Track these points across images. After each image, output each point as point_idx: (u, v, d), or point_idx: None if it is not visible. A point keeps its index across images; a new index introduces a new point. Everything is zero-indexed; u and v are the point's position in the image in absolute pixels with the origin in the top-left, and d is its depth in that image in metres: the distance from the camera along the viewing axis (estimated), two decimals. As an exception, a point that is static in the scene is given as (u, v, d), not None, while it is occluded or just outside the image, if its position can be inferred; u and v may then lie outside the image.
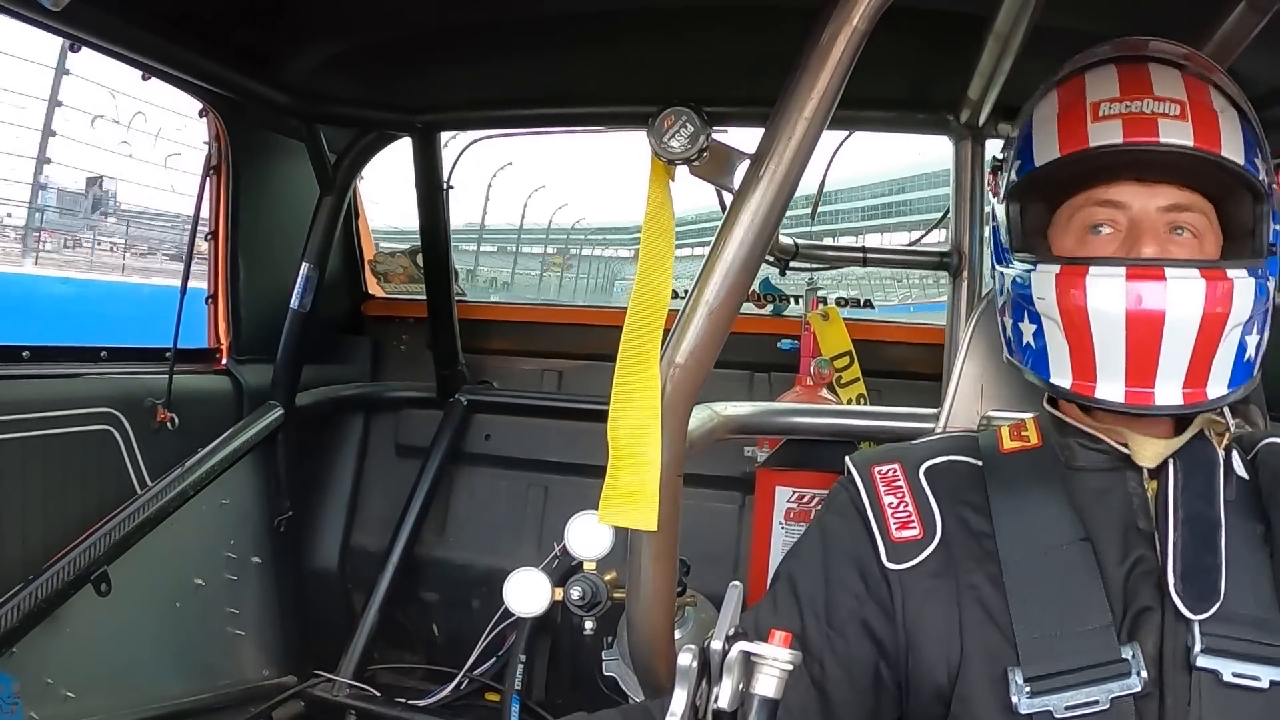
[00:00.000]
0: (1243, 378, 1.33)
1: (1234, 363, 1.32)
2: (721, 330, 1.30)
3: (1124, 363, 1.30)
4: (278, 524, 3.59)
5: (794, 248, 3.00)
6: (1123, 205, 1.36)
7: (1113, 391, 1.32)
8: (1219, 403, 1.32)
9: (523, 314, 4.48)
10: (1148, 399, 1.30)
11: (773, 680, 0.82)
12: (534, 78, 3.09)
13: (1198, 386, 1.30)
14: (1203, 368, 1.29)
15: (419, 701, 3.57)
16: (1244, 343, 1.32)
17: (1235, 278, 1.29)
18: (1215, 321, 1.27)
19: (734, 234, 1.28)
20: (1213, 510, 1.30)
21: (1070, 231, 1.41)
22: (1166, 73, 1.38)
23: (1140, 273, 1.28)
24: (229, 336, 3.48)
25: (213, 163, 3.32)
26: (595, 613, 2.67)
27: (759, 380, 3.74)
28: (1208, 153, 1.31)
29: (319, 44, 2.85)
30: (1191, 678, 1.23)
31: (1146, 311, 1.27)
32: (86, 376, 2.93)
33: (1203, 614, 1.24)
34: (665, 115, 1.31)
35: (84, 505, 2.84)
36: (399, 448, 4.09)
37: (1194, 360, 1.29)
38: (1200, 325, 1.27)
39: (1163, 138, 1.32)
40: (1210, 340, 1.28)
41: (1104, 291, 1.30)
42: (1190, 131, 1.31)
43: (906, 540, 1.39)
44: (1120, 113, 1.35)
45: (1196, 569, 1.26)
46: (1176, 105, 1.33)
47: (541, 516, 3.88)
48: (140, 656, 3.00)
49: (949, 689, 1.31)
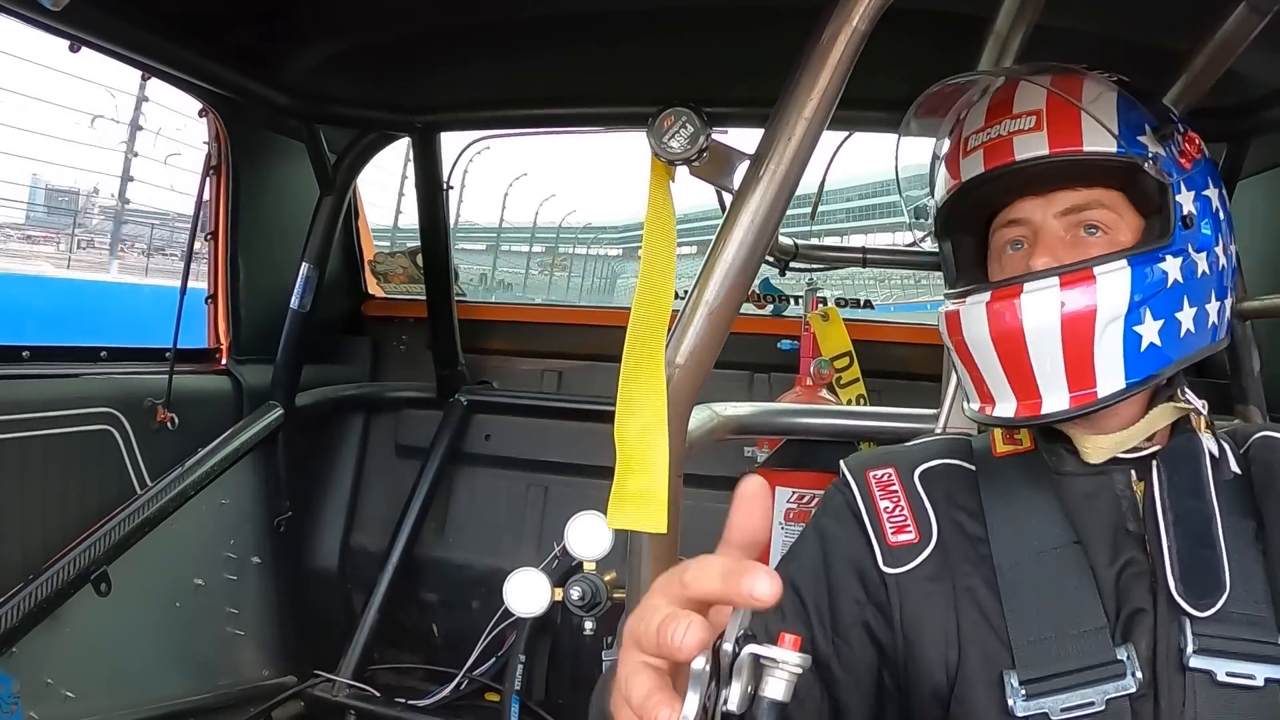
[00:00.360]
0: (1147, 368, 1.32)
1: (1124, 356, 1.31)
2: (721, 331, 1.30)
3: (1005, 381, 1.36)
4: (277, 524, 3.59)
5: (794, 248, 3.00)
6: (1024, 221, 1.40)
7: (1006, 409, 1.37)
8: (1120, 397, 1.32)
9: (522, 314, 4.48)
10: (1035, 409, 1.34)
11: (782, 683, 0.81)
12: (534, 78, 3.09)
13: (1084, 387, 1.32)
14: (1083, 369, 1.31)
15: (419, 702, 3.57)
16: (1133, 333, 1.31)
17: (1101, 274, 1.29)
18: (1079, 323, 1.30)
19: (734, 234, 1.28)
20: (1204, 503, 1.30)
21: (994, 255, 1.45)
22: (1032, 89, 1.40)
23: (1000, 294, 1.34)
24: (229, 336, 3.48)
25: (212, 163, 3.32)
26: (595, 613, 2.68)
27: (759, 381, 3.74)
28: (1068, 154, 1.34)
29: (319, 44, 2.85)
30: (1185, 678, 1.23)
31: (1007, 328, 1.32)
32: (86, 376, 2.93)
33: (1208, 610, 1.23)
34: (665, 116, 1.31)
35: (84, 505, 2.84)
36: (399, 448, 4.09)
37: (1069, 365, 1.31)
38: (1062, 331, 1.30)
39: (1017, 155, 1.36)
40: (1080, 342, 1.30)
41: (972, 319, 1.37)
42: (1045, 139, 1.35)
43: (902, 544, 1.39)
44: (981, 142, 1.40)
45: (1195, 566, 1.26)
46: (1032, 117, 1.36)
47: (541, 517, 3.88)
48: (140, 656, 3.00)
49: (947, 691, 1.31)
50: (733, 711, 0.81)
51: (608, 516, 1.29)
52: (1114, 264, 1.30)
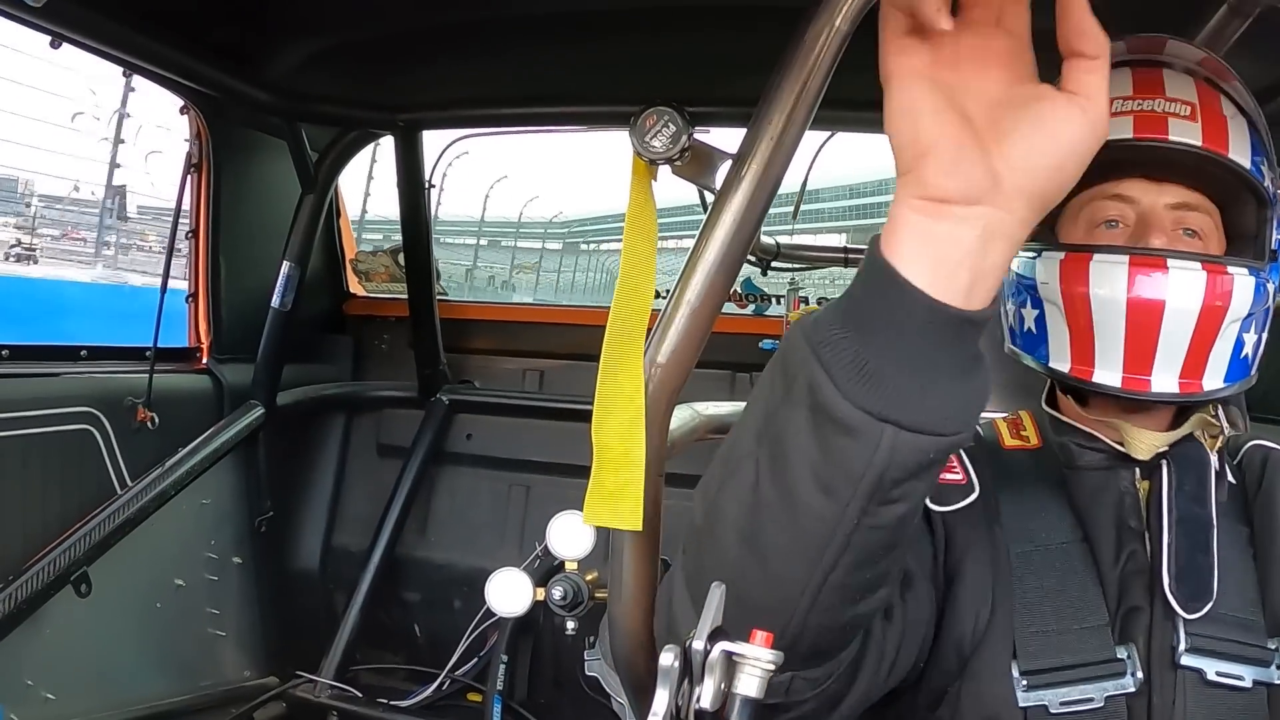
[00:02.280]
0: (1239, 375, 1.34)
1: (1231, 358, 1.32)
2: (703, 330, 1.30)
3: (1122, 349, 1.31)
4: (258, 524, 3.58)
5: (775, 248, 3.00)
6: (1132, 200, 1.37)
7: (1110, 377, 1.32)
8: (1214, 395, 1.33)
9: (504, 313, 4.49)
10: (1144, 385, 1.31)
11: (755, 680, 0.82)
12: (516, 77, 3.08)
13: (1194, 377, 1.31)
14: (1200, 359, 1.30)
15: (401, 702, 3.57)
16: (1241, 339, 1.32)
17: (1235, 274, 1.29)
18: (1214, 314, 1.28)
19: (715, 234, 1.28)
20: (1205, 511, 1.31)
21: (1079, 225, 1.41)
22: (1180, 78, 1.39)
23: (1143, 261, 1.29)
24: (209, 335, 3.46)
25: (194, 160, 3.31)
26: (577, 613, 2.67)
27: (740, 380, 3.74)
28: (1215, 153, 1.32)
29: (301, 42, 2.84)
30: (1177, 676, 1.24)
31: (1147, 299, 1.28)
32: (66, 376, 2.91)
33: (1196, 613, 1.24)
34: (647, 115, 1.31)
35: (64, 505, 2.82)
36: (380, 447, 4.08)
37: (1191, 351, 1.29)
38: (1199, 316, 1.28)
39: (1172, 135, 1.33)
40: (1208, 332, 1.29)
41: (1106, 277, 1.30)
42: (1199, 132, 1.32)
43: (951, 483, 1.39)
44: (1132, 110, 1.36)
45: (1191, 569, 1.27)
46: (1187, 106, 1.34)
47: (523, 516, 3.88)
48: (121, 658, 2.99)
49: (969, 647, 1.30)
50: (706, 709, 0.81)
51: (584, 512, 1.28)
52: (1241, 268, 1.31)
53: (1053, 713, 1.24)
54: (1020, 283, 1.46)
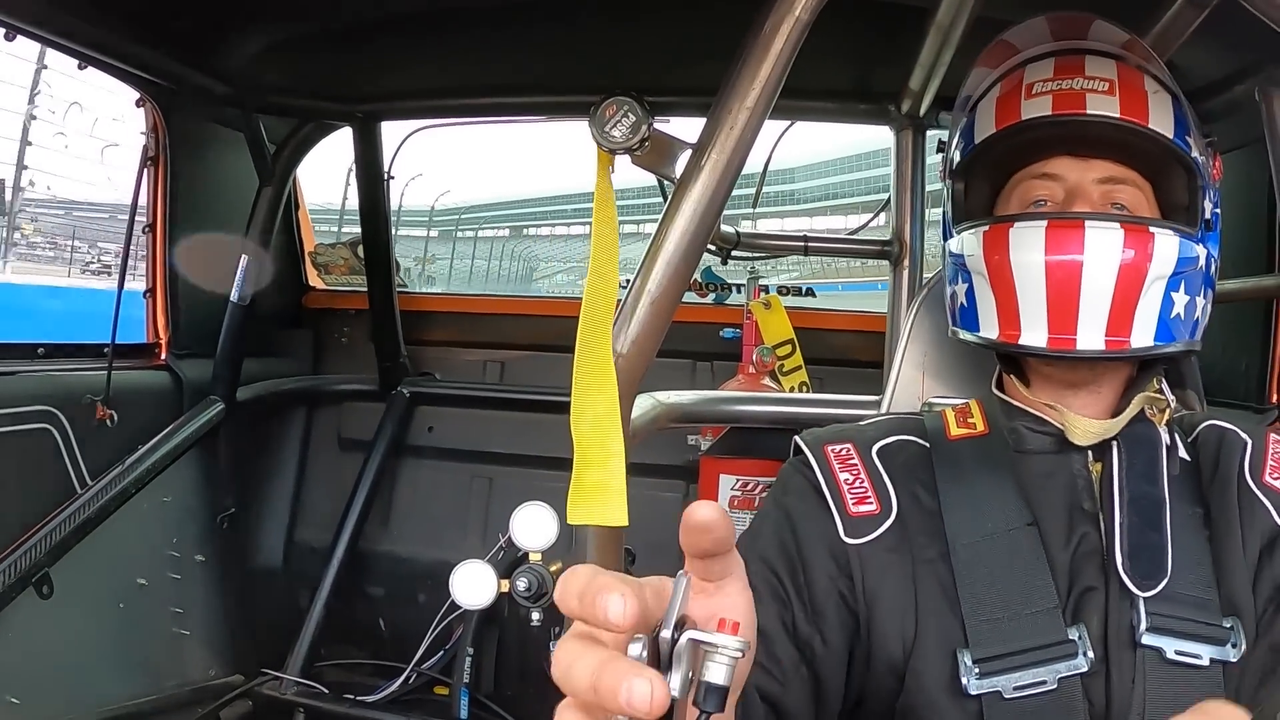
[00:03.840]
0: (1170, 335, 1.35)
1: (1159, 316, 1.34)
2: (664, 319, 1.30)
3: (1045, 310, 1.34)
4: (221, 521, 3.55)
5: (735, 236, 3.01)
6: (1059, 177, 1.41)
7: (1036, 338, 1.36)
8: (1145, 353, 1.35)
9: (464, 304, 4.47)
10: (1069, 344, 1.34)
11: (723, 668, 0.82)
12: (475, 67, 3.08)
13: (1121, 334, 1.33)
14: (1125, 315, 1.33)
15: (367, 697, 3.56)
16: (1170, 298, 1.34)
17: (1157, 233, 1.32)
18: (1134, 271, 1.31)
19: (676, 223, 1.28)
20: (1157, 489, 1.33)
21: (1011, 206, 1.46)
22: (1102, 61, 1.44)
23: (1060, 224, 1.34)
24: (168, 331, 3.42)
25: (150, 154, 3.26)
26: (542, 604, 2.67)
27: (701, 369, 3.76)
28: (1134, 123, 1.37)
29: (258, 33, 2.82)
30: (1136, 655, 1.24)
31: (1064, 260, 1.32)
32: (22, 374, 2.87)
33: (1149, 591, 1.25)
34: (607, 105, 1.31)
35: (23, 506, 2.78)
36: (342, 441, 4.07)
37: (1114, 307, 1.32)
38: (1119, 273, 1.31)
39: (1090, 109, 1.38)
40: (1130, 288, 1.32)
41: (1025, 242, 1.35)
42: (1117, 104, 1.38)
43: (863, 515, 1.39)
44: (1051, 90, 1.41)
45: (1143, 547, 1.28)
46: (1105, 83, 1.39)
47: (486, 508, 3.88)
48: (85, 659, 2.95)
49: (903, 664, 1.32)
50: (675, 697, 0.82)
51: (568, 513, 1.28)
52: (1165, 230, 1.34)
53: (1006, 698, 1.24)
54: (953, 261, 1.50)
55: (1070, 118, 1.39)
